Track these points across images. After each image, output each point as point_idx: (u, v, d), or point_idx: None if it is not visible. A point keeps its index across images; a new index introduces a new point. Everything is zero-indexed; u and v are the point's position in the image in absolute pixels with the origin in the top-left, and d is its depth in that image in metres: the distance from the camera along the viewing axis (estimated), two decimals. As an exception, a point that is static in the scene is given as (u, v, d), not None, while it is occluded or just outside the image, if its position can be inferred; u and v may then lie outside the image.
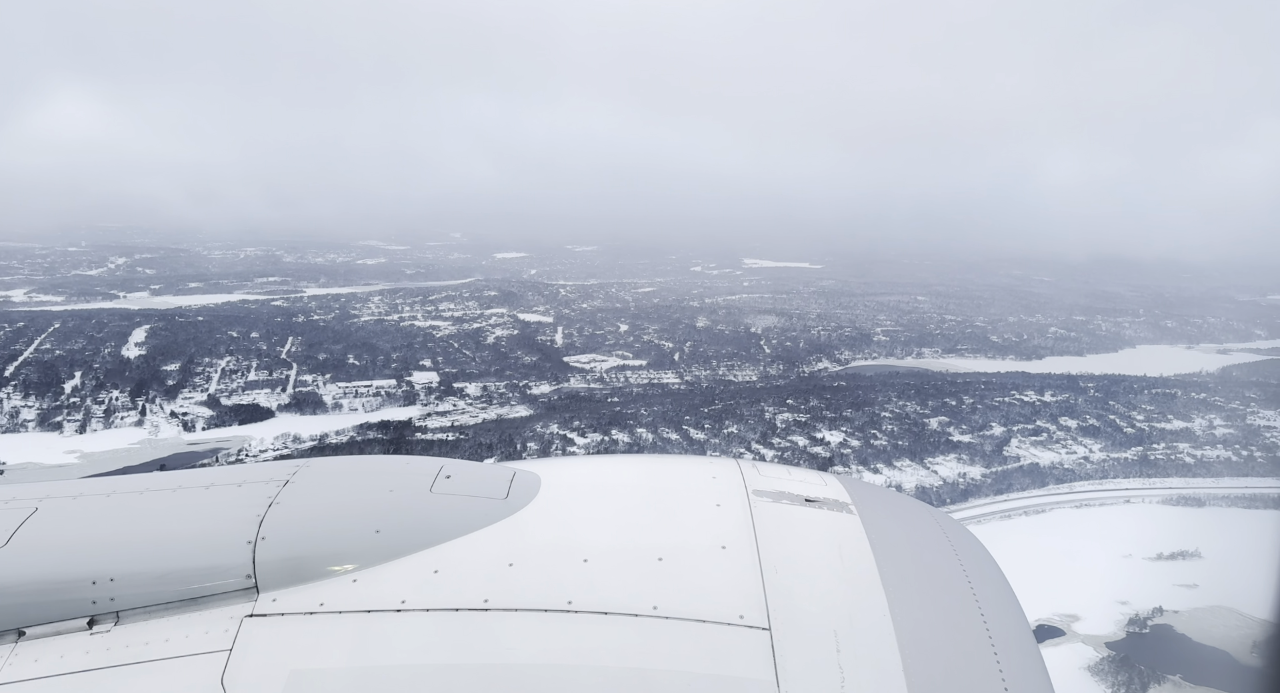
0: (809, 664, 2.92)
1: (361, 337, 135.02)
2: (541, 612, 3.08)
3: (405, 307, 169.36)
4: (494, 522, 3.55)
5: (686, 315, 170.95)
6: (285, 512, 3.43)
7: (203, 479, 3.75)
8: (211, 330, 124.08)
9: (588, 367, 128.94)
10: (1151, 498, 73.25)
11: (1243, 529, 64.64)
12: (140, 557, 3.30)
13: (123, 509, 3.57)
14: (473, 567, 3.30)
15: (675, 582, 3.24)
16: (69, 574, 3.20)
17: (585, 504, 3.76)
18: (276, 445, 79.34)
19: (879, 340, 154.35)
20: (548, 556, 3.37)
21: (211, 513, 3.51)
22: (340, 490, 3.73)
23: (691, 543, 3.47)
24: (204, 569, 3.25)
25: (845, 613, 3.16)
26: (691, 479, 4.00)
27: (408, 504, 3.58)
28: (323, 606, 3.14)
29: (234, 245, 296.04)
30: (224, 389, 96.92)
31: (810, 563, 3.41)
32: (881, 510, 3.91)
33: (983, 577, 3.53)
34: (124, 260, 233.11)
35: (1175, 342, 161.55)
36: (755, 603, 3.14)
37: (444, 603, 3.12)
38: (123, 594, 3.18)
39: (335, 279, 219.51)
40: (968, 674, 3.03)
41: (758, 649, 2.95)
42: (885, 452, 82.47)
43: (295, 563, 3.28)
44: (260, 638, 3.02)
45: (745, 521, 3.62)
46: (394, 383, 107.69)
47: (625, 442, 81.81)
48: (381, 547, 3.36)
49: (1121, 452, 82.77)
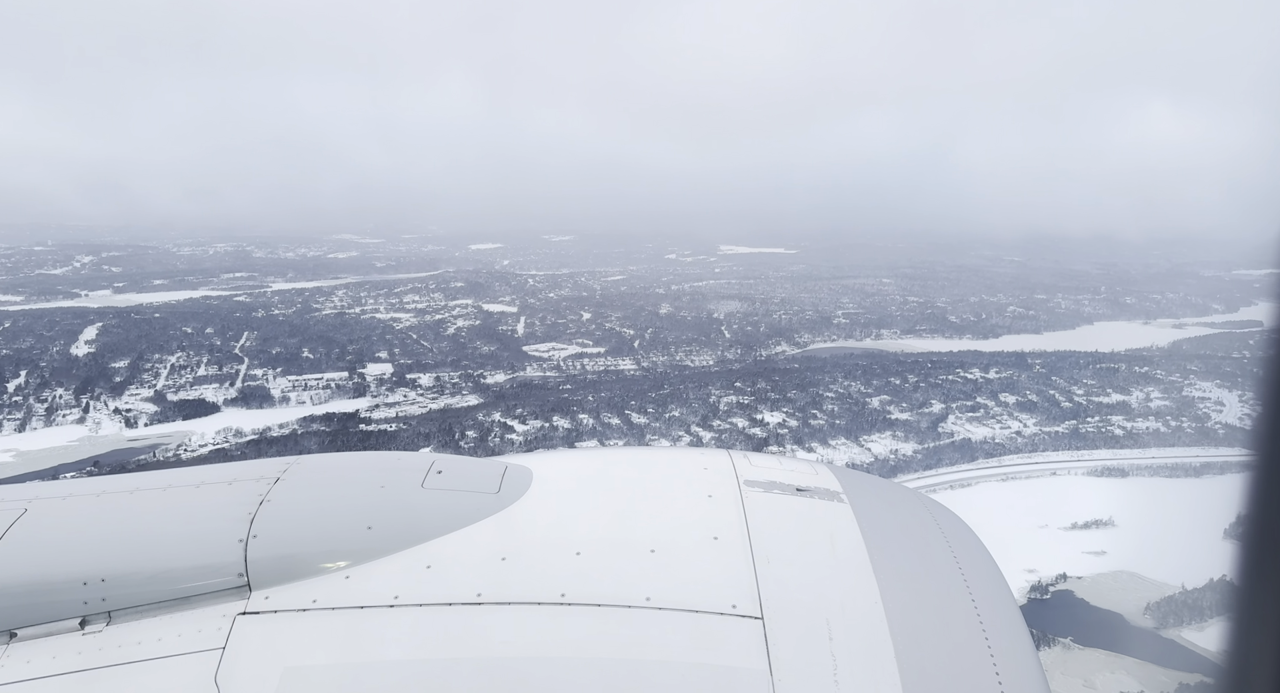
0: (801, 653, 2.95)
1: (319, 330, 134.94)
2: (535, 605, 3.10)
3: (369, 300, 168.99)
4: (486, 516, 3.56)
5: (650, 303, 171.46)
6: (276, 509, 3.44)
7: (193, 478, 3.76)
8: (166, 327, 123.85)
9: (546, 355, 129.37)
10: (1078, 470, 74.66)
11: (1158, 498, 66.08)
12: (131, 556, 3.30)
13: (113, 509, 3.58)
14: (465, 562, 3.31)
15: (668, 573, 3.26)
16: (59, 575, 3.22)
17: (577, 497, 3.79)
18: (217, 440, 79.63)
19: (839, 323, 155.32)
20: (540, 549, 3.40)
21: (202, 511, 3.53)
22: (331, 487, 3.76)
23: (683, 534, 3.49)
24: (196, 568, 3.26)
25: (837, 601, 3.19)
26: (683, 471, 4.03)
27: (399, 500, 3.60)
28: (316, 602, 3.15)
29: (205, 242, 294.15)
30: (171, 385, 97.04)
31: (802, 552, 3.44)
32: (872, 499, 3.95)
33: (973, 562, 3.56)
34: (90, 259, 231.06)
35: (1133, 318, 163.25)
36: (748, 593, 3.17)
37: (437, 598, 3.13)
38: (114, 594, 3.19)
39: (304, 274, 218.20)
40: (959, 659, 3.07)
41: (750, 639, 2.97)
42: (822, 431, 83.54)
43: (287, 560, 3.29)
44: (253, 636, 3.03)
45: (737, 511, 3.64)
46: (346, 375, 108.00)
47: (565, 427, 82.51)
48: (374, 543, 3.36)
49: (1055, 426, 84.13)
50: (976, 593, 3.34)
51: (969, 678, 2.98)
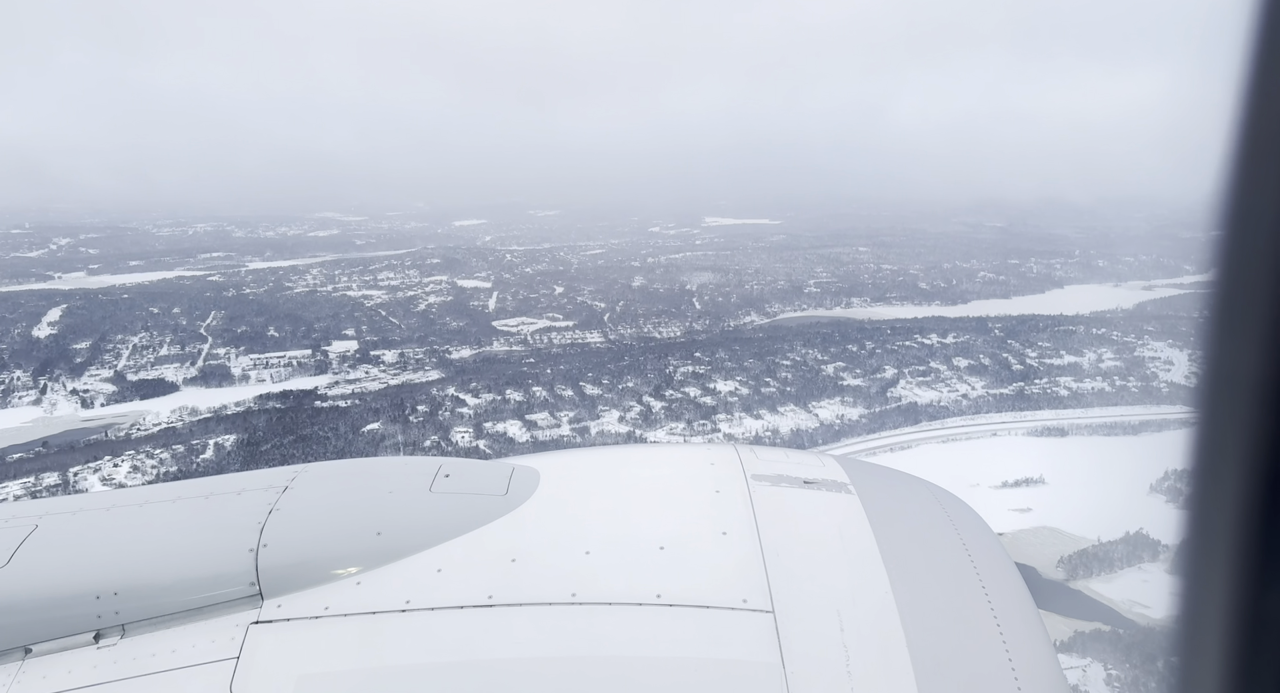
0: (813, 645, 2.95)
1: (288, 309, 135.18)
2: (546, 606, 3.11)
3: (343, 277, 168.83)
4: (494, 518, 3.57)
5: (625, 276, 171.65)
6: (286, 518, 3.47)
7: (202, 489, 3.80)
8: (132, 308, 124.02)
9: (514, 330, 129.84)
10: (1019, 430, 75.70)
11: (1091, 456, 67.14)
12: (143, 569, 3.32)
13: (123, 523, 3.60)
14: (475, 564, 3.33)
15: (678, 569, 3.27)
16: (72, 590, 3.23)
17: (585, 497, 3.80)
18: (172, 419, 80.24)
19: (810, 292, 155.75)
20: (549, 549, 3.41)
21: (212, 522, 3.57)
22: (340, 494, 3.79)
23: (692, 530, 3.51)
24: (207, 579, 3.28)
25: (847, 593, 3.19)
26: (689, 467, 4.04)
27: (408, 505, 3.63)
28: (328, 609, 3.17)
29: (185, 222, 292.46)
30: (131, 366, 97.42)
31: (811, 545, 3.45)
32: (880, 489, 3.96)
33: (983, 551, 3.56)
34: (67, 241, 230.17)
35: (1104, 281, 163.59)
36: (758, 587, 3.18)
37: (448, 601, 3.15)
38: (127, 607, 3.20)
39: (282, 252, 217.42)
40: (972, 648, 3.07)
41: (762, 632, 2.98)
42: (772, 398, 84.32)
43: (298, 568, 3.31)
44: (267, 644, 3.05)
45: (745, 505, 3.65)
46: (309, 353, 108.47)
47: (518, 399, 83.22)
48: (384, 548, 3.38)
49: (1002, 388, 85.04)
50: (988, 582, 3.34)
51: (983, 667, 2.99)
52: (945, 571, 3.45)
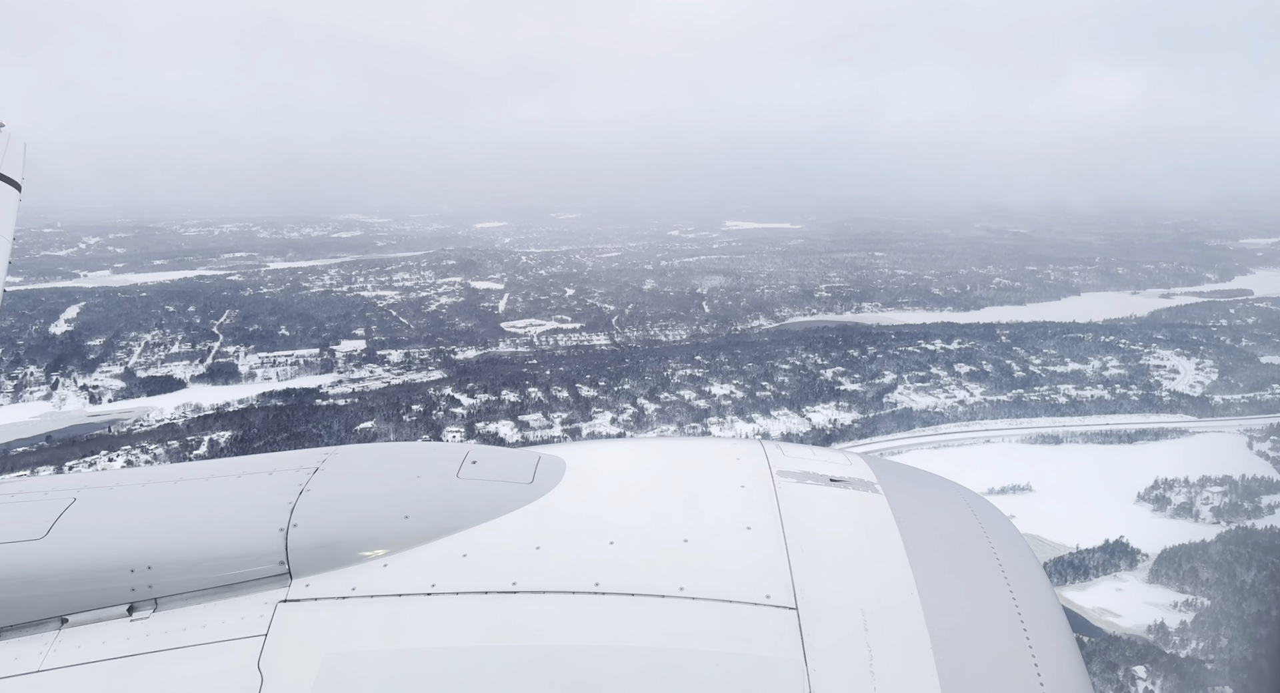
0: (836, 643, 2.95)
1: (302, 308, 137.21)
2: (569, 594, 3.14)
3: (359, 278, 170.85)
4: (520, 506, 3.59)
5: (637, 279, 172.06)
6: (316, 499, 3.53)
7: (234, 468, 3.87)
8: (148, 306, 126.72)
9: (522, 331, 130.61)
10: (1013, 437, 74.89)
11: (1082, 464, 66.30)
12: (176, 545, 3.38)
13: (158, 499, 3.69)
14: (500, 550, 3.35)
15: (701, 563, 3.27)
16: (107, 563, 3.31)
17: (610, 487, 3.81)
18: (175, 415, 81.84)
19: (820, 297, 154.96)
20: (574, 539, 3.42)
21: (244, 501, 3.62)
22: (369, 477, 3.82)
23: (717, 524, 3.50)
24: (238, 556, 3.34)
25: (872, 592, 3.18)
26: (715, 461, 4.04)
27: (435, 490, 3.66)
28: (355, 590, 3.22)
29: (211, 222, 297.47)
30: (143, 362, 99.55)
31: (836, 542, 3.43)
32: (907, 489, 3.93)
33: (1011, 554, 3.53)
34: (96, 240, 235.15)
35: (1122, 288, 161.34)
36: (782, 583, 3.17)
37: (473, 586, 3.19)
38: (160, 582, 3.28)
39: (304, 253, 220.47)
40: (997, 652, 3.04)
41: (785, 629, 2.99)
42: (766, 402, 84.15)
43: (327, 549, 3.36)
44: (294, 623, 3.11)
45: (770, 501, 3.64)
46: (317, 352, 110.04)
47: (513, 400, 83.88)
48: (411, 532, 3.42)
49: (1001, 394, 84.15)
50: (1015, 586, 3.31)
51: (1007, 671, 2.97)
52: (972, 573, 3.42)
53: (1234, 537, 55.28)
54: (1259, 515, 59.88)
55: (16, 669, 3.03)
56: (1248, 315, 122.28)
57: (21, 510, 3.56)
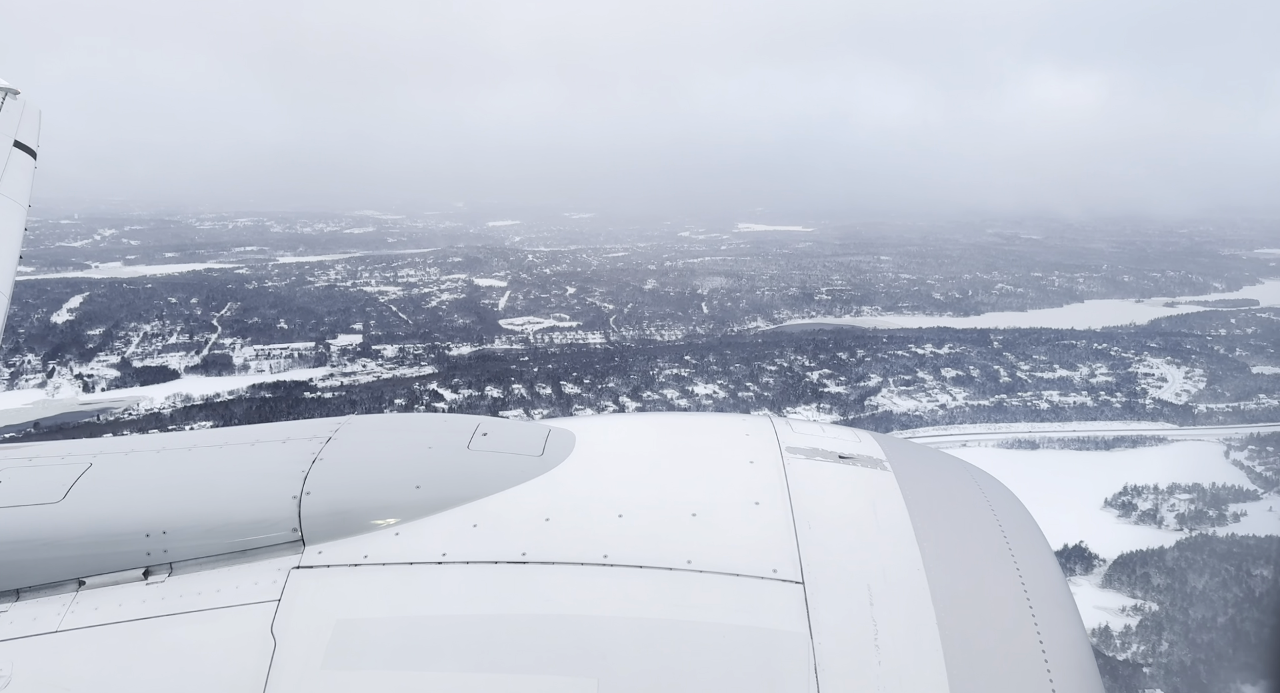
0: (842, 617, 2.98)
1: (303, 302, 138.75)
2: (578, 565, 3.17)
3: (364, 273, 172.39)
4: (530, 478, 3.62)
5: (640, 278, 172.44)
6: (329, 467, 3.57)
7: (248, 436, 3.92)
8: (152, 298, 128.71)
9: (519, 328, 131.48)
10: (990, 442, 74.74)
11: (1054, 469, 66.07)
12: (191, 511, 3.43)
13: (173, 465, 3.73)
14: (510, 521, 3.39)
15: (709, 536, 3.30)
16: (123, 527, 3.35)
17: (619, 461, 3.83)
18: (165, 404, 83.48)
19: (821, 299, 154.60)
20: (583, 511, 3.45)
21: (258, 468, 3.68)
22: (381, 447, 3.86)
23: (725, 499, 3.53)
24: (252, 523, 3.39)
25: (879, 568, 3.20)
26: (725, 436, 4.06)
27: (446, 460, 3.71)
28: (367, 558, 3.27)
29: (227, 217, 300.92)
30: (140, 352, 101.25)
31: (843, 519, 3.45)
32: (916, 467, 3.94)
33: (1020, 535, 3.53)
34: (112, 232, 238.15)
35: (1126, 296, 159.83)
36: (789, 557, 3.19)
37: (483, 556, 3.23)
38: (175, 547, 3.32)
39: (314, 248, 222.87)
40: (1003, 630, 3.07)
41: (791, 602, 3.02)
42: (748, 402, 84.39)
43: (339, 517, 3.40)
44: (307, 589, 3.16)
45: (778, 477, 3.66)
46: (313, 345, 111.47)
47: (495, 395, 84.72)
48: (422, 501, 3.47)
49: (983, 399, 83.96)
50: (1022, 566, 3.32)
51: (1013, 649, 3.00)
52: (979, 552, 3.43)
53: (1192, 544, 55.03)
54: (1222, 523, 59.51)
55: (36, 630, 3.10)
56: (1248, 325, 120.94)
57: (38, 474, 3.61)
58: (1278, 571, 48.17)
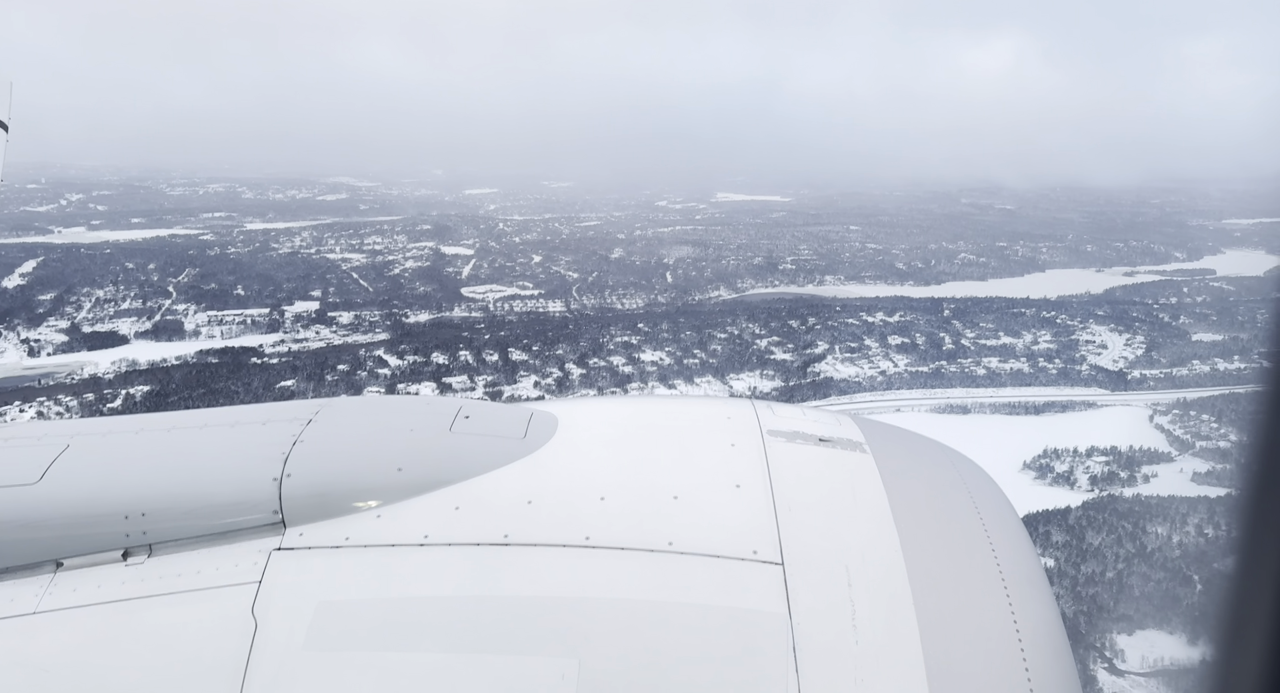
0: (821, 598, 3.01)
1: (264, 269, 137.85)
2: (560, 547, 3.17)
3: (331, 240, 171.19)
4: (512, 461, 3.63)
5: (608, 248, 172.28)
6: (310, 449, 3.55)
7: (228, 418, 3.92)
8: (109, 263, 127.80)
9: (480, 297, 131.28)
10: (923, 407, 75.99)
11: (981, 433, 67.28)
12: (170, 492, 3.41)
13: (152, 446, 3.71)
14: (493, 504, 3.39)
15: (690, 519, 3.31)
16: (102, 509, 3.33)
17: (602, 444, 3.84)
18: (110, 370, 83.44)
19: (785, 269, 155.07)
20: (565, 493, 3.46)
21: (238, 450, 3.67)
22: (362, 429, 3.85)
23: (706, 481, 3.55)
24: (232, 505, 3.37)
25: (857, 549, 3.23)
26: (706, 419, 4.08)
27: (428, 443, 3.69)
28: (348, 540, 3.26)
29: (198, 182, 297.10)
30: (90, 318, 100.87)
31: (823, 501, 3.48)
32: (895, 450, 3.97)
33: (995, 516, 3.58)
34: (79, 197, 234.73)
35: (1088, 266, 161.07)
36: (769, 539, 3.21)
37: (466, 538, 3.23)
38: (154, 528, 3.30)
39: (284, 215, 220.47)
40: (977, 606, 3.12)
41: (771, 583, 3.04)
42: (693, 369, 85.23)
43: (320, 499, 3.38)
44: (288, 570, 3.15)
45: (759, 459, 3.68)
46: (268, 312, 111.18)
47: (440, 362, 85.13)
48: (404, 484, 3.46)
49: (922, 366, 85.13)
50: (997, 545, 3.36)
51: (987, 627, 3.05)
52: (955, 532, 3.47)
53: (1097, 503, 56.63)
54: (1132, 484, 61.13)
55: (13, 611, 3.09)
56: (1199, 294, 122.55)
57: (15, 455, 3.60)
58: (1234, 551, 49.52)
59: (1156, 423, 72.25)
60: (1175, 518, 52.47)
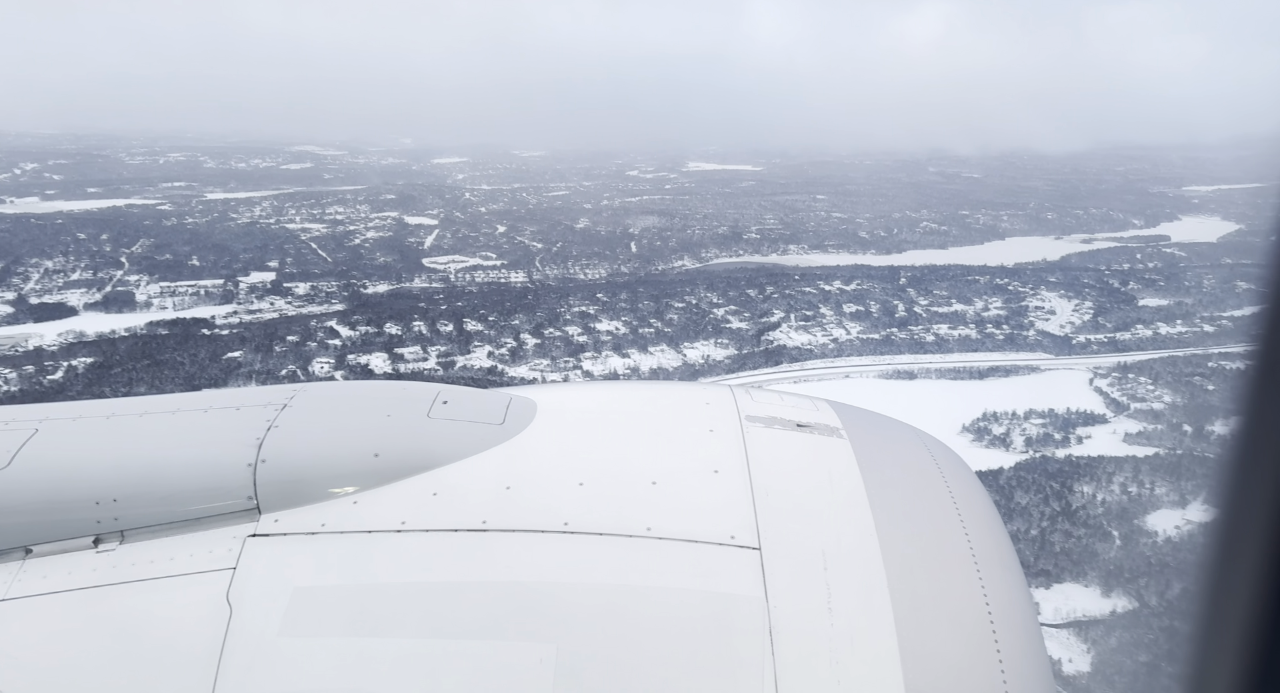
0: (797, 581, 3.03)
1: (221, 239, 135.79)
2: (538, 533, 3.17)
3: (291, 210, 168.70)
4: (491, 447, 3.61)
5: (574, 217, 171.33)
6: (284, 435, 3.51)
7: (200, 402, 3.85)
8: (59, 233, 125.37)
9: (442, 267, 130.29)
10: (872, 373, 77.11)
11: (925, 398, 68.64)
12: (142, 478, 3.36)
13: (123, 432, 3.64)
14: (470, 490, 3.37)
15: (668, 504, 3.32)
16: (72, 494, 3.27)
17: (580, 430, 3.84)
18: (57, 341, 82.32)
19: (750, 238, 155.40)
20: (544, 479, 3.46)
21: (211, 436, 3.60)
22: (338, 415, 3.83)
23: (684, 467, 3.56)
24: (206, 491, 3.32)
25: (833, 533, 3.24)
26: (685, 405, 4.07)
27: (405, 429, 3.67)
28: (324, 526, 3.24)
29: (159, 151, 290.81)
30: (38, 289, 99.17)
31: (800, 486, 3.49)
32: (871, 435, 3.99)
33: (967, 499, 3.62)
34: (34, 167, 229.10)
35: (1047, 233, 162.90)
36: (746, 524, 3.23)
37: (443, 524, 3.21)
38: (126, 514, 3.24)
39: (246, 184, 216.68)
40: (950, 588, 3.16)
41: (748, 568, 3.05)
42: (647, 338, 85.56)
43: (296, 485, 3.35)
44: (263, 557, 3.11)
45: (737, 445, 3.69)
46: (222, 283, 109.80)
47: (394, 333, 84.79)
48: (380, 470, 3.43)
49: (874, 333, 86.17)
50: (970, 529, 3.40)
51: (959, 608, 3.09)
52: (929, 516, 3.51)
53: (1029, 464, 58.10)
54: (1065, 446, 62.64)
55: None
56: (1152, 259, 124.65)
57: None
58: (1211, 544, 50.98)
59: (1095, 386, 73.90)
60: (1101, 477, 54.00)
